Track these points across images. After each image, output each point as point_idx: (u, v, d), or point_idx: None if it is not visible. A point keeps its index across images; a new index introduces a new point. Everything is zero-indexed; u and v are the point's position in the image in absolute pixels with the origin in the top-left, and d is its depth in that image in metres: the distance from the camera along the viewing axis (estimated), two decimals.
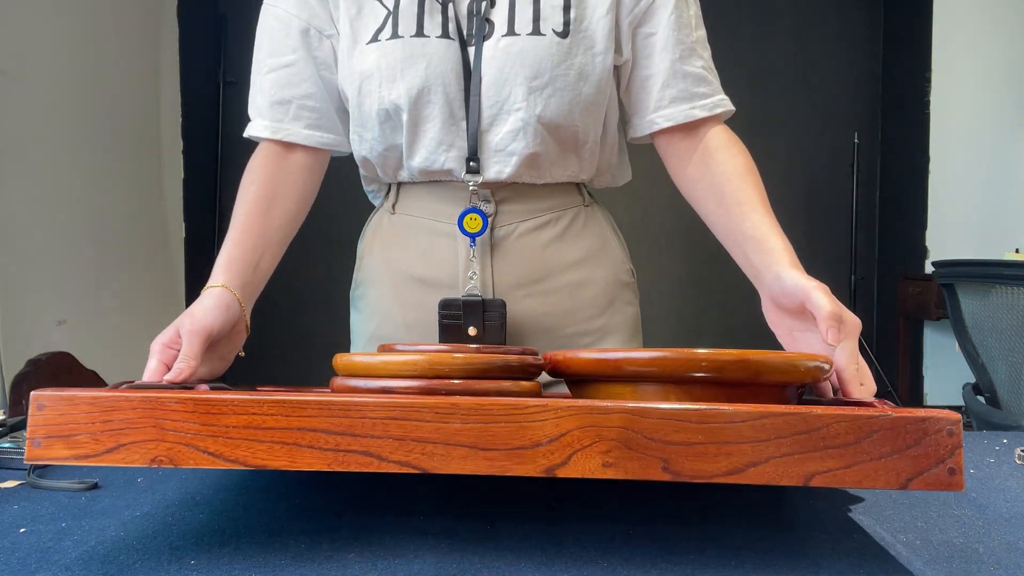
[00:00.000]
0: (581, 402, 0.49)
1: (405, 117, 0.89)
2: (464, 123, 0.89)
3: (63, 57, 2.86)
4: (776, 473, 0.47)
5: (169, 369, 0.72)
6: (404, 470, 0.49)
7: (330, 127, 0.95)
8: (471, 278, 0.92)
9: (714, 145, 0.92)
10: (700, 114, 0.92)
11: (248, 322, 0.84)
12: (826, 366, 0.59)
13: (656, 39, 0.92)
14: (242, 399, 0.50)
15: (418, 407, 0.49)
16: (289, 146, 0.94)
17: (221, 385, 0.75)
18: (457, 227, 0.91)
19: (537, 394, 0.57)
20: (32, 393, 0.51)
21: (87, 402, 0.50)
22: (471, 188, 0.90)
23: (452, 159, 0.90)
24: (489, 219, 0.92)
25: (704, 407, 0.48)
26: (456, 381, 0.53)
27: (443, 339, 0.91)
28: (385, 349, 0.80)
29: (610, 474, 0.48)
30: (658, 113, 0.93)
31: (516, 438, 0.48)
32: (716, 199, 0.90)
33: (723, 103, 0.94)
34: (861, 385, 0.67)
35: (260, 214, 0.90)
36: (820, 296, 0.71)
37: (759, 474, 0.47)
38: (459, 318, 0.91)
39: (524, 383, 0.57)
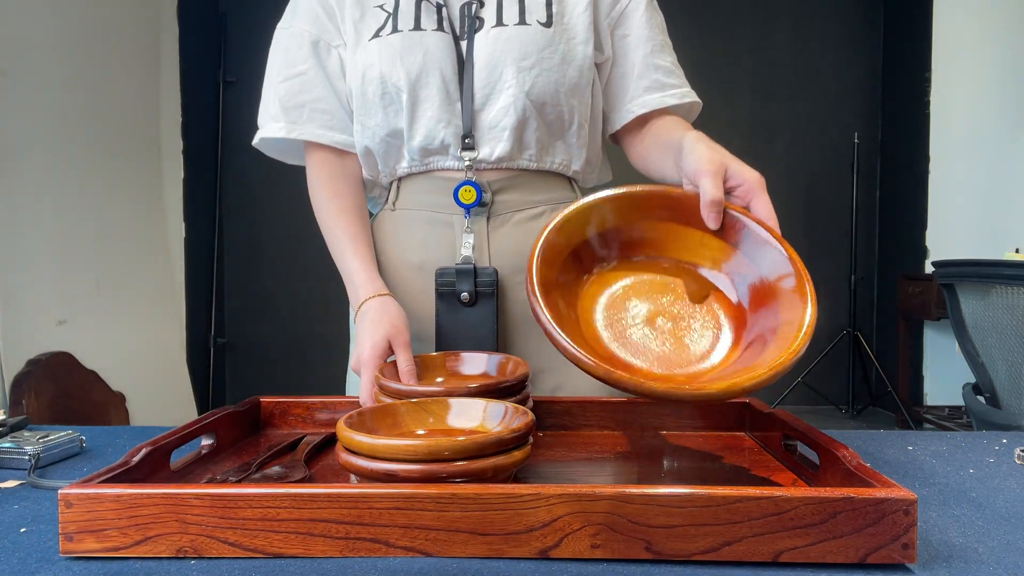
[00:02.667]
0: (571, 489, 0.53)
1: (405, 97, 0.95)
2: (459, 104, 0.96)
3: (63, 57, 2.86)
4: (748, 551, 0.53)
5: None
6: (410, 555, 0.54)
7: (342, 128, 1.01)
8: (465, 247, 0.97)
9: (658, 122, 1.01)
10: (671, 101, 1.01)
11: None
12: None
13: (630, 39, 1.01)
14: (257, 494, 0.54)
15: (421, 497, 0.53)
16: (340, 153, 1.02)
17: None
18: (454, 202, 0.96)
19: (527, 457, 0.63)
20: (60, 491, 0.55)
21: (112, 499, 0.54)
22: (466, 163, 0.96)
23: (450, 134, 0.96)
24: (483, 207, 0.97)
25: (683, 491, 0.53)
26: (456, 463, 0.57)
27: (439, 306, 0.97)
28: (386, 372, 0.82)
29: (598, 555, 0.53)
30: (634, 102, 1.02)
31: (512, 524, 0.53)
32: (659, 147, 0.97)
33: (690, 95, 1.03)
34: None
35: (361, 224, 0.99)
36: (707, 182, 0.77)
37: (733, 552, 0.53)
38: (453, 284, 0.96)
39: (516, 453, 0.61)
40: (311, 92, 1.00)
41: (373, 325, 0.87)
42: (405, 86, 0.94)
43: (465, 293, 0.96)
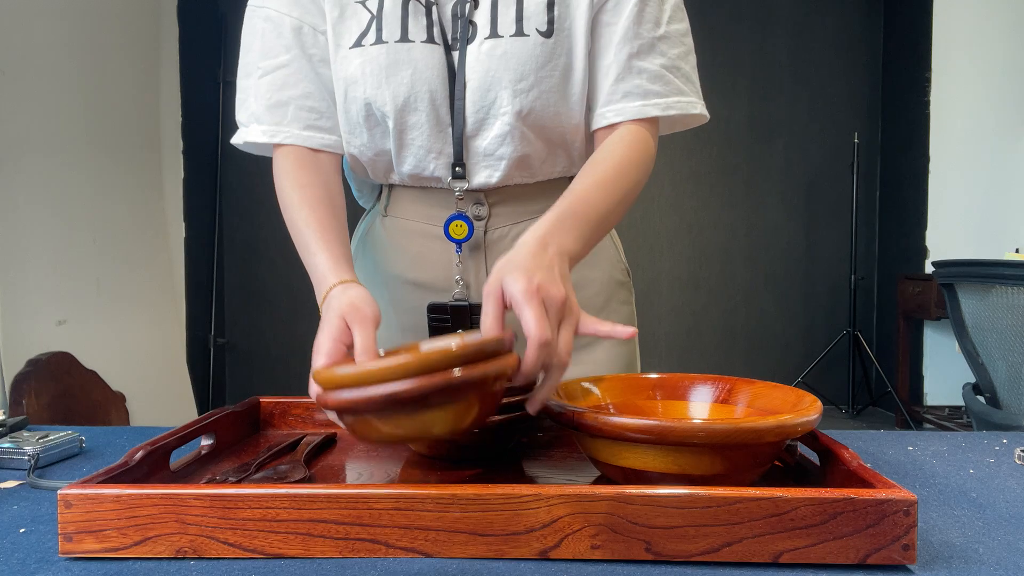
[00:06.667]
0: (571, 490, 0.53)
1: (392, 124, 0.87)
2: (450, 130, 0.88)
3: (63, 57, 2.86)
4: (748, 552, 0.53)
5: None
6: (410, 555, 0.54)
7: (329, 127, 0.91)
8: (458, 283, 0.92)
9: (609, 139, 0.88)
10: (652, 112, 0.88)
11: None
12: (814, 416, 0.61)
13: (615, 30, 0.87)
14: (257, 494, 0.54)
15: (420, 497, 0.54)
16: (313, 150, 0.90)
17: None
18: (444, 235, 0.91)
19: (517, 364, 0.60)
20: (59, 491, 0.54)
21: (111, 499, 0.54)
22: (456, 194, 0.90)
23: (441, 166, 0.89)
24: (479, 221, 0.92)
25: (683, 492, 0.52)
26: (456, 371, 0.55)
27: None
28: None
29: (597, 555, 0.53)
30: (609, 107, 0.89)
31: (512, 524, 0.53)
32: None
33: (678, 105, 0.88)
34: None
35: (330, 214, 0.84)
36: (485, 309, 0.67)
37: (733, 553, 0.53)
38: (447, 321, 0.91)
39: (511, 357, 0.59)
40: (296, 87, 0.88)
41: (331, 311, 0.72)
42: (391, 111, 0.86)
43: (460, 331, 0.90)
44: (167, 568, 0.53)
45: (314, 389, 0.63)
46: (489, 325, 0.65)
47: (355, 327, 0.68)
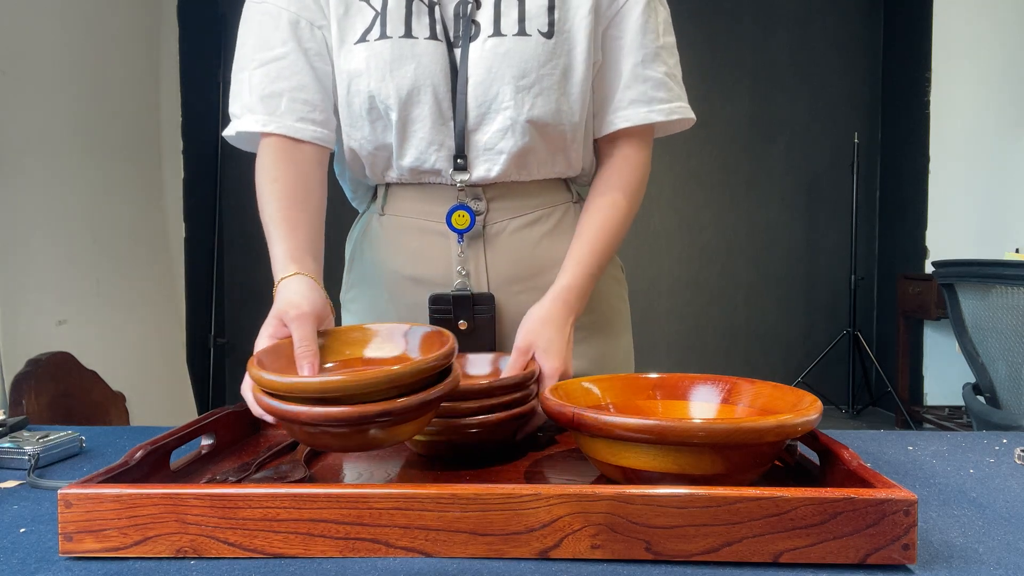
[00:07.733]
0: (571, 490, 0.53)
1: (395, 117, 0.90)
2: (452, 123, 0.90)
3: (63, 57, 2.86)
4: (749, 551, 0.53)
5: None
6: (410, 555, 0.54)
7: (323, 121, 0.92)
8: (460, 273, 0.94)
9: (609, 165, 0.97)
10: (656, 118, 0.94)
11: (331, 303, 0.81)
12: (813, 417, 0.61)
13: (623, 42, 0.93)
14: (257, 494, 0.54)
15: (421, 497, 0.54)
16: (296, 141, 0.91)
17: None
18: (447, 211, 0.93)
19: (457, 383, 0.62)
20: (59, 491, 0.55)
21: (111, 499, 0.54)
22: (458, 186, 0.92)
23: (442, 159, 0.91)
24: (477, 216, 0.93)
25: (683, 492, 0.53)
26: (374, 405, 0.57)
27: None
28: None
29: (598, 555, 0.53)
30: (616, 114, 0.95)
31: (512, 524, 0.53)
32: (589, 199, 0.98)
33: (680, 110, 0.96)
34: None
35: (299, 208, 0.87)
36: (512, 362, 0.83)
37: (733, 552, 0.53)
38: (449, 312, 0.93)
39: (444, 385, 0.60)
40: (291, 79, 0.89)
41: (273, 309, 0.75)
42: (395, 104, 0.88)
43: (463, 322, 0.93)
44: (167, 568, 0.53)
45: (249, 397, 0.68)
46: (513, 369, 0.81)
47: (291, 324, 0.72)
